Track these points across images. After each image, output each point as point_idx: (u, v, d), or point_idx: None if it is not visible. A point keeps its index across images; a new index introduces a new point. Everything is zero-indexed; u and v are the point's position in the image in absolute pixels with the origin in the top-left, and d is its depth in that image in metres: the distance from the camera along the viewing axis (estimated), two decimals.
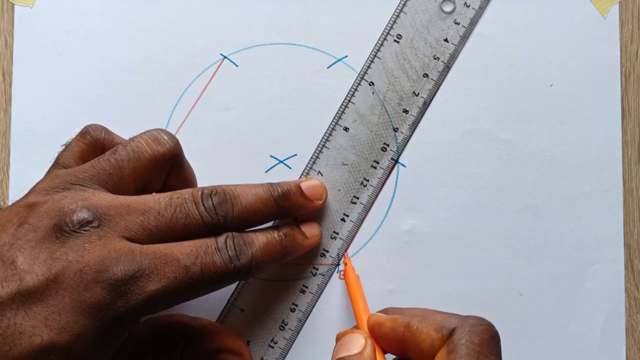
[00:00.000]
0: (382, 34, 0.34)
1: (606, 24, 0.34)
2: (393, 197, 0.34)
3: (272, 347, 0.33)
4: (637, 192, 0.34)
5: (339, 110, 0.34)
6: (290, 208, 0.31)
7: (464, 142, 0.34)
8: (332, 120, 0.34)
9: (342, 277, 0.34)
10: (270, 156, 0.34)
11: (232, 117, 0.34)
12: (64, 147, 0.30)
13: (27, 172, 0.34)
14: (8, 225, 0.25)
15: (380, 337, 0.28)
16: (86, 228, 0.25)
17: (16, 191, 0.34)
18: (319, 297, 0.34)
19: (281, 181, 0.31)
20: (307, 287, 0.34)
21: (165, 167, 0.29)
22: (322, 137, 0.34)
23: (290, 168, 0.34)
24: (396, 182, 0.34)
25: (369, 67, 0.34)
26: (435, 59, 0.34)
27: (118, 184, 0.28)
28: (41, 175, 0.32)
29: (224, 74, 0.34)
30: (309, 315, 0.34)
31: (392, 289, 0.34)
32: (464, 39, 0.34)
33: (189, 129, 0.34)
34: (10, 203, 0.34)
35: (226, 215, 0.28)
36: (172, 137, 0.29)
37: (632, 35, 0.34)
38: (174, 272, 0.25)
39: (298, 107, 0.34)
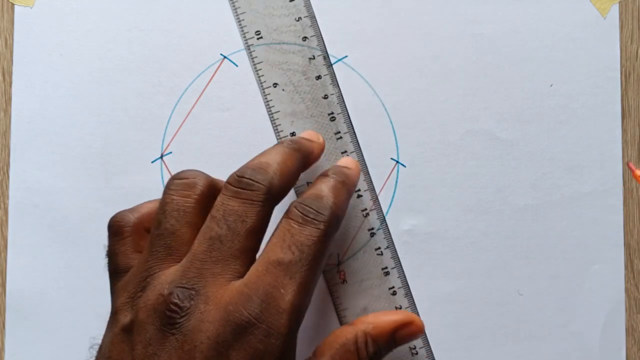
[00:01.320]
0: (243, 42, 0.34)
1: (606, 24, 0.34)
2: (393, 197, 0.34)
3: None
4: (637, 192, 0.34)
5: (273, 126, 0.34)
6: (304, 152, 0.30)
7: (464, 142, 0.34)
8: (276, 137, 0.34)
9: (342, 277, 0.34)
10: None
11: (232, 117, 0.34)
12: (107, 256, 0.29)
13: (27, 172, 0.34)
14: (126, 356, 0.25)
15: None
16: (187, 305, 0.25)
17: (16, 191, 0.34)
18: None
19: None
20: None
21: (212, 199, 0.28)
22: (277, 139, 0.34)
23: None
24: (396, 182, 0.34)
25: (260, 75, 0.34)
26: (297, 20, 0.34)
27: (182, 246, 0.27)
28: (41, 175, 0.32)
29: (224, 74, 0.34)
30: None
31: (392, 289, 0.34)
32: None
33: (189, 129, 0.34)
34: (10, 202, 0.34)
35: (270, 179, 0.27)
36: (196, 172, 0.28)
37: (632, 35, 0.34)
38: (289, 276, 0.25)
39: None
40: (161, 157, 0.34)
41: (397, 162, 0.34)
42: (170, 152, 0.34)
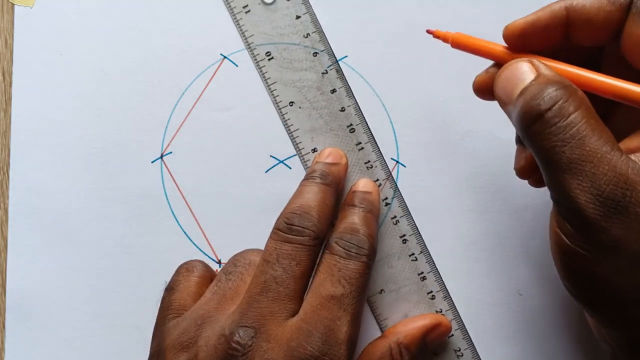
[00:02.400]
0: (255, 64, 0.34)
1: None
2: (393, 197, 0.34)
3: None
4: None
5: (293, 144, 0.34)
6: (334, 178, 0.31)
7: (464, 142, 0.34)
8: (297, 154, 0.34)
9: None
10: (270, 156, 0.34)
11: (232, 117, 0.34)
12: (165, 290, 0.30)
13: (27, 172, 0.34)
14: None
15: (536, 37, 0.26)
16: (249, 343, 0.25)
17: (16, 191, 0.34)
18: None
19: (306, 173, 0.32)
20: None
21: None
22: (299, 156, 0.34)
23: (290, 168, 0.34)
24: (396, 182, 0.34)
25: (276, 96, 0.34)
26: (306, 37, 0.34)
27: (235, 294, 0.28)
28: (41, 175, 0.32)
29: (224, 74, 0.34)
30: None
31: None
32: (305, 2, 0.34)
33: (189, 129, 0.34)
34: (10, 202, 0.34)
35: (316, 224, 0.29)
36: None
37: None
38: (343, 309, 0.26)
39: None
40: (161, 157, 0.34)
41: (397, 162, 0.34)
42: (170, 152, 0.34)
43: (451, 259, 0.34)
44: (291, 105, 0.34)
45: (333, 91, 0.34)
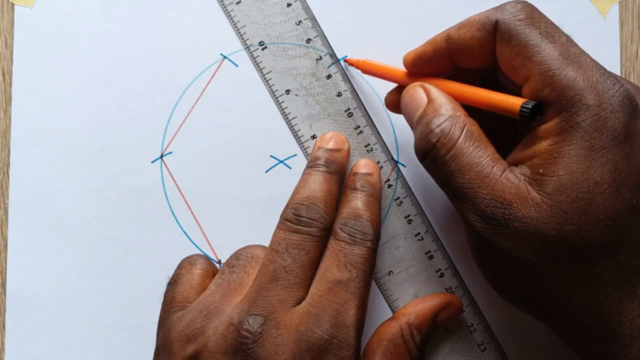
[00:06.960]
0: (248, 54, 0.34)
1: (606, 24, 0.34)
2: (393, 197, 0.34)
3: None
4: None
5: (292, 132, 0.34)
6: (338, 166, 0.31)
7: None
8: (297, 142, 0.34)
9: None
10: (270, 156, 0.34)
11: (232, 117, 0.34)
12: (168, 284, 0.30)
13: (27, 172, 0.34)
14: None
15: (426, 66, 0.29)
16: (258, 330, 0.26)
17: (16, 191, 0.34)
18: None
19: (309, 159, 0.32)
20: None
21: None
22: (299, 144, 0.34)
23: (290, 168, 0.34)
24: (396, 182, 0.34)
25: (272, 85, 0.34)
26: (298, 24, 0.34)
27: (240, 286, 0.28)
28: (41, 175, 0.32)
29: (224, 74, 0.34)
30: None
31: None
32: None
33: (189, 129, 0.34)
34: (10, 202, 0.34)
35: (324, 215, 0.29)
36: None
37: (632, 35, 0.34)
38: (350, 293, 0.27)
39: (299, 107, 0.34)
40: (161, 157, 0.34)
41: (397, 162, 0.34)
42: (170, 152, 0.34)
43: (451, 259, 0.34)
44: (287, 94, 0.34)
45: (328, 77, 0.34)
